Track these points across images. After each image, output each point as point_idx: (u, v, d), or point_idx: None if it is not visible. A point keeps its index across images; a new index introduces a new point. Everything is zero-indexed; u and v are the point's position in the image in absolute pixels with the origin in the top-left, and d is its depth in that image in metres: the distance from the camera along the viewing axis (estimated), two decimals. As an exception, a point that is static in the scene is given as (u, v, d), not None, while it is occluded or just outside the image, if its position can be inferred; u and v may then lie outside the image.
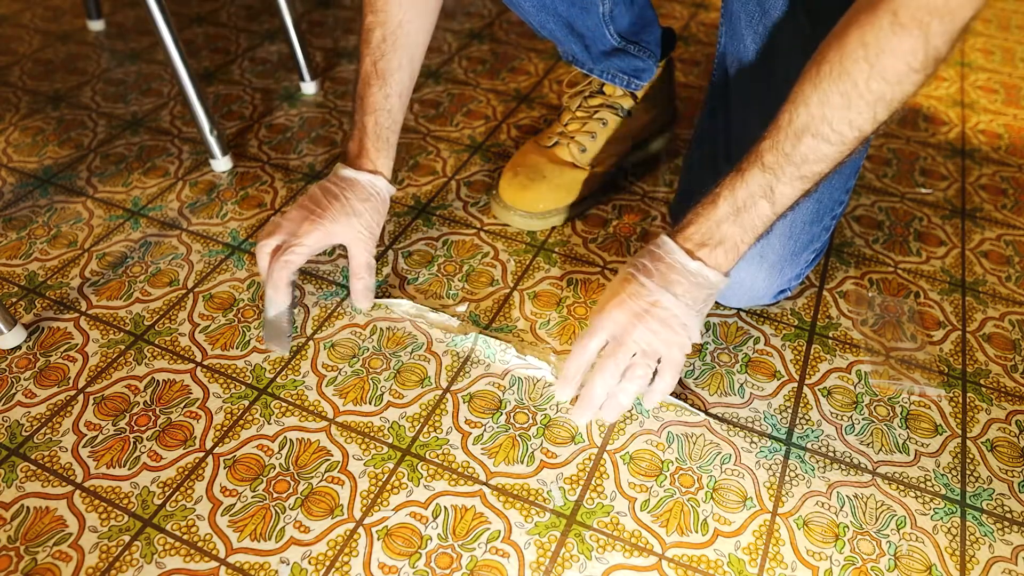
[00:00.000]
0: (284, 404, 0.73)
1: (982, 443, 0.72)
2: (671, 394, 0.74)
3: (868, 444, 0.71)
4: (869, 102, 0.56)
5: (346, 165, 0.78)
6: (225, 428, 0.71)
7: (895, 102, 0.56)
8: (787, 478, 0.68)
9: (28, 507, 0.64)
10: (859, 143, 0.60)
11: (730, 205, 0.63)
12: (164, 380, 0.75)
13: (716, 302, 0.84)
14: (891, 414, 0.74)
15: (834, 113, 0.58)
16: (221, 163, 1.02)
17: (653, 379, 0.68)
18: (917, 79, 0.55)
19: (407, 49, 0.76)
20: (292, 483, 0.67)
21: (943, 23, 0.51)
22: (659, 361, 0.67)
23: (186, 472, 0.67)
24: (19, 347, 0.78)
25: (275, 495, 0.66)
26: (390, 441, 0.70)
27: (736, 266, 0.75)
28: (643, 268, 0.66)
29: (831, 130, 0.58)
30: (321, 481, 0.67)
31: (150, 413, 0.72)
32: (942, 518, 0.66)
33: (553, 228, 0.94)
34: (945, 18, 0.51)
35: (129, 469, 0.67)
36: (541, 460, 0.69)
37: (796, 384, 0.77)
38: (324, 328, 0.81)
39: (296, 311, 0.82)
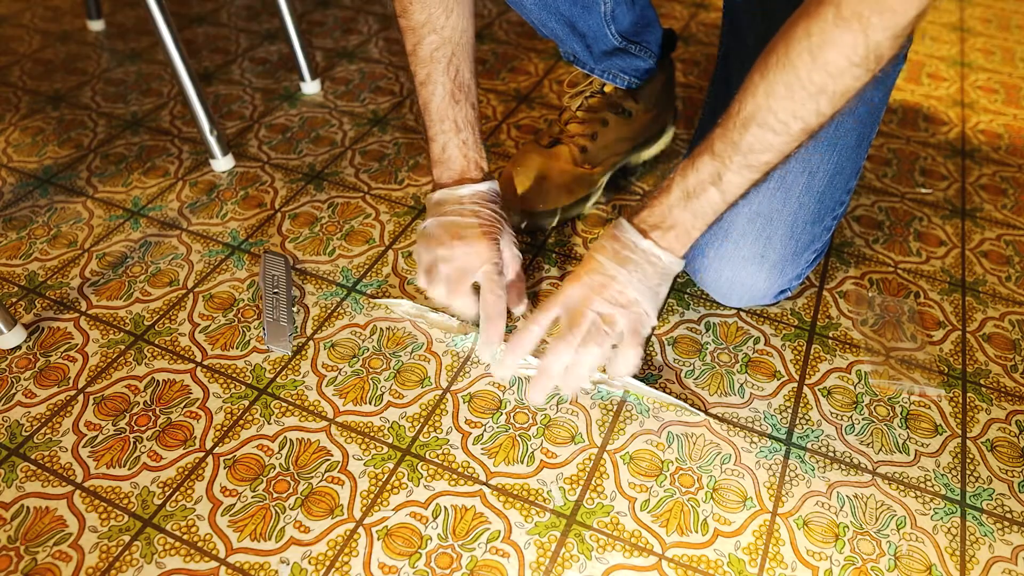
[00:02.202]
0: (284, 404, 0.73)
1: (982, 443, 0.72)
2: (672, 394, 0.74)
3: (868, 444, 0.71)
4: (811, 93, 0.57)
5: (458, 183, 0.79)
6: (225, 428, 0.71)
7: (837, 96, 0.57)
8: (787, 478, 0.68)
9: (28, 507, 0.64)
10: (805, 135, 0.60)
11: (681, 191, 0.65)
12: (164, 380, 0.75)
13: (716, 302, 0.84)
14: (891, 414, 0.74)
15: (778, 103, 0.58)
16: (221, 163, 1.02)
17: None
18: (858, 74, 0.55)
19: (470, 56, 0.78)
20: (292, 483, 0.67)
21: (883, 19, 0.52)
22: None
23: (186, 472, 0.67)
24: (19, 347, 0.78)
25: (275, 495, 0.66)
26: (390, 441, 0.70)
27: (737, 266, 0.75)
28: (600, 248, 0.69)
29: (776, 120, 0.59)
30: (321, 481, 0.67)
31: (150, 413, 0.72)
32: (942, 518, 0.66)
33: (553, 228, 0.94)
34: (885, 14, 0.51)
35: (129, 469, 0.67)
36: (541, 460, 0.69)
37: (796, 384, 0.77)
38: (324, 328, 0.81)
39: (296, 311, 0.82)
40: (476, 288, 0.77)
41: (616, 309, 0.67)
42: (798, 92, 0.57)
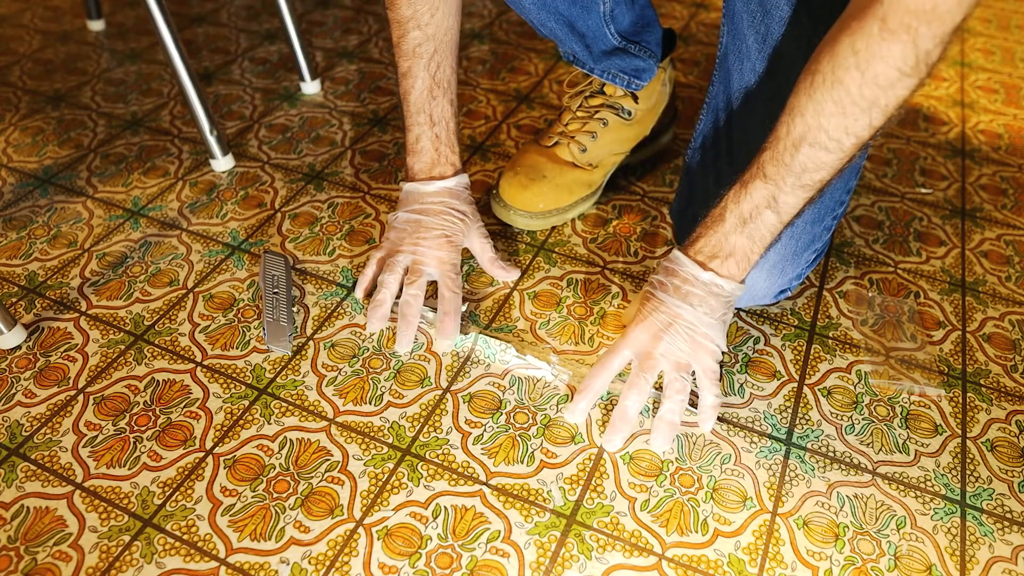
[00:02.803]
0: (284, 404, 0.73)
1: (982, 443, 0.72)
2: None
3: (868, 444, 0.71)
4: (863, 108, 0.56)
5: (427, 179, 0.81)
6: (225, 428, 0.71)
7: (890, 107, 0.56)
8: (787, 478, 0.68)
9: (28, 507, 0.64)
10: (858, 149, 0.60)
11: (736, 218, 0.65)
12: (164, 380, 0.75)
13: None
14: (891, 414, 0.74)
15: (830, 121, 0.58)
16: (221, 163, 1.02)
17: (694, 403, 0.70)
18: (910, 83, 0.55)
19: (455, 54, 0.80)
20: (292, 483, 0.67)
21: (931, 27, 0.51)
22: (693, 375, 0.69)
23: (186, 472, 0.67)
24: (19, 347, 0.78)
25: (275, 495, 0.66)
26: (390, 441, 0.70)
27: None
28: (659, 284, 0.68)
29: (828, 138, 0.58)
30: (321, 481, 0.67)
31: (150, 413, 0.72)
32: (942, 518, 0.66)
33: (553, 228, 0.94)
34: (934, 23, 0.51)
35: (129, 469, 0.67)
36: (541, 460, 0.69)
37: (796, 384, 0.77)
38: (324, 328, 0.81)
39: (296, 311, 0.82)
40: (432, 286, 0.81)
41: (687, 353, 0.67)
42: (850, 108, 0.56)
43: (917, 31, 0.51)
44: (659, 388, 0.72)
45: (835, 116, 0.57)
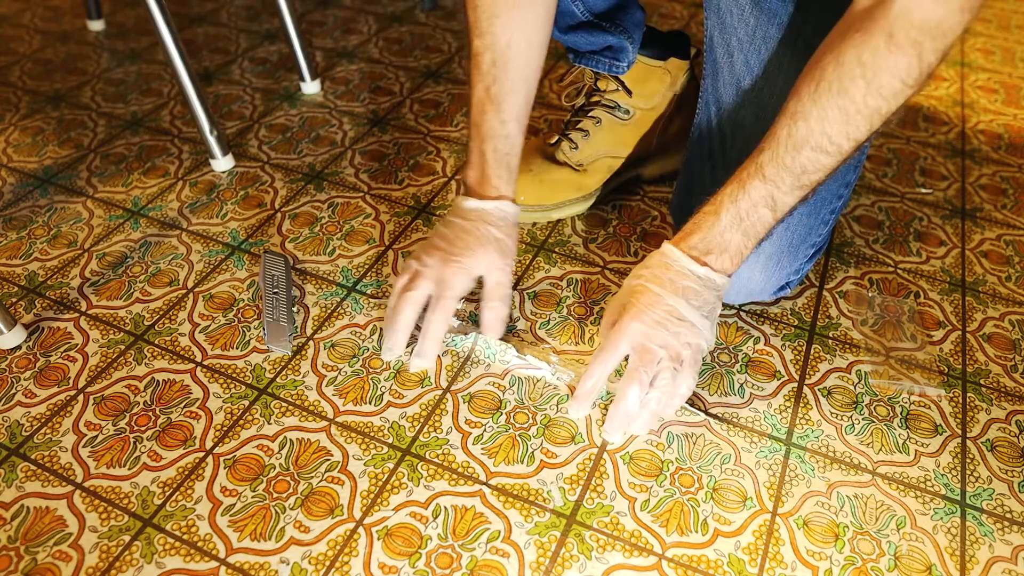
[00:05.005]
0: (284, 404, 0.73)
1: (982, 443, 0.72)
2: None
3: (868, 444, 0.71)
4: (866, 116, 0.59)
5: (469, 196, 0.77)
6: (225, 428, 0.71)
7: (889, 113, 0.59)
8: (787, 478, 0.68)
9: (28, 507, 0.64)
10: (854, 151, 0.62)
11: (733, 215, 0.66)
12: (164, 380, 0.75)
13: (716, 302, 0.84)
14: (891, 414, 0.74)
15: (833, 127, 0.60)
16: (221, 163, 1.02)
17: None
18: (910, 93, 0.58)
19: (519, 70, 0.74)
20: (292, 483, 0.67)
21: (935, 42, 0.54)
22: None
23: (186, 472, 0.67)
24: (19, 347, 0.78)
25: (275, 495, 0.66)
26: (390, 441, 0.70)
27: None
28: (653, 278, 0.68)
29: (829, 142, 0.61)
30: (321, 481, 0.67)
31: (150, 413, 0.72)
32: (942, 518, 0.66)
33: (553, 228, 0.94)
34: (938, 38, 0.54)
35: (129, 469, 0.67)
36: (541, 460, 0.69)
37: (796, 384, 0.77)
38: (324, 328, 0.81)
39: (296, 311, 0.82)
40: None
41: (682, 344, 0.67)
42: (853, 116, 0.59)
43: (923, 46, 0.54)
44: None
45: (839, 123, 0.60)
